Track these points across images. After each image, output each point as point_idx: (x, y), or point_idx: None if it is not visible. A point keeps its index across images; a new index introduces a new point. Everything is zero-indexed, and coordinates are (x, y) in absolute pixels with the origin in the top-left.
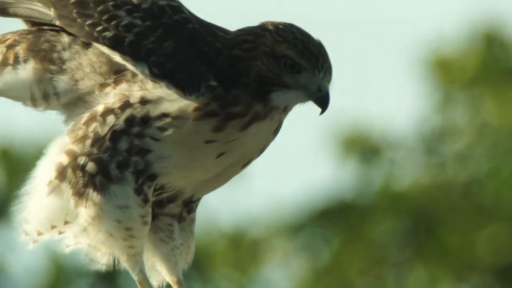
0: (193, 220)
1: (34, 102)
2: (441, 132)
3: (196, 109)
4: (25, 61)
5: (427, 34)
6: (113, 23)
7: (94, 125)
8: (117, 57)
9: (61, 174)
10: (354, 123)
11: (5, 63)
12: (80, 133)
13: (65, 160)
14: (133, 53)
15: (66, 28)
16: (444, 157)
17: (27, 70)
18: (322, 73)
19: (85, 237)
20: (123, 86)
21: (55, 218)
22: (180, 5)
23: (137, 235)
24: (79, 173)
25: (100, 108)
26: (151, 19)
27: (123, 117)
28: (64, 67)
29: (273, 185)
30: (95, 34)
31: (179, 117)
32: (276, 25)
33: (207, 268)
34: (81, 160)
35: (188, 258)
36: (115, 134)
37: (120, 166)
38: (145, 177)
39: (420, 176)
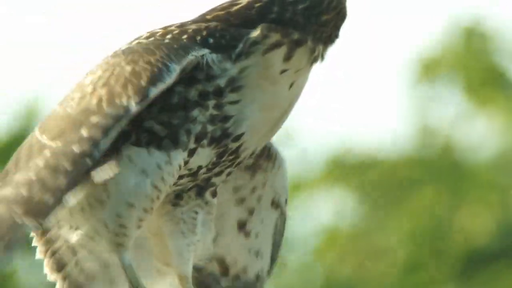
0: (212, 215)
1: None
2: None
3: (262, 44)
4: None
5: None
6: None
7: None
8: None
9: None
10: None
11: None
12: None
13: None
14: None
15: None
16: None
17: None
18: None
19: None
20: None
21: None
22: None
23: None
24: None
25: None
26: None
27: (194, 90)
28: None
29: None
30: None
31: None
32: None
33: None
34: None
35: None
36: (188, 103)
37: (192, 135)
38: (217, 141)
39: None
